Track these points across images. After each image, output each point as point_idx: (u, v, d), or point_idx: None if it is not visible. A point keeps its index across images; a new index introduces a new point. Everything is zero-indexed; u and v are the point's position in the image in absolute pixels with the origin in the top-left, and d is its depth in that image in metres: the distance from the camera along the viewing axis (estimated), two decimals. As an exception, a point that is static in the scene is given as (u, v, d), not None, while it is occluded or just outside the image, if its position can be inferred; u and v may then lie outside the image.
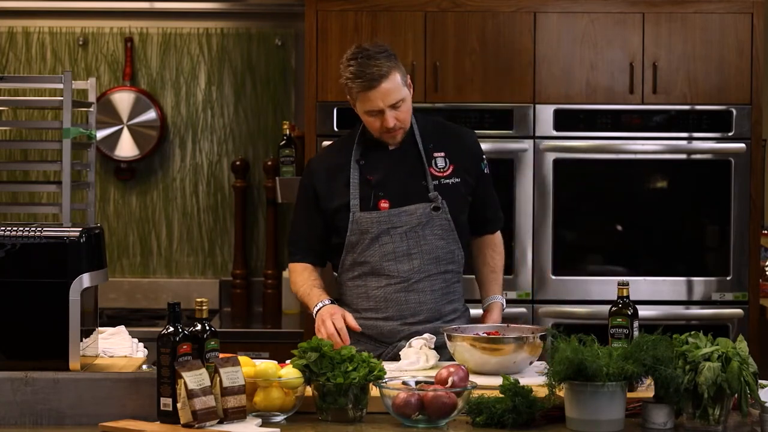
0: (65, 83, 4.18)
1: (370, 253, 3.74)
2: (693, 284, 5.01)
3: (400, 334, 3.73)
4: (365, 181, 3.75)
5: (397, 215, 3.73)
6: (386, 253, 3.73)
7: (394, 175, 3.76)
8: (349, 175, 3.75)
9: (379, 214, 3.72)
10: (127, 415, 2.99)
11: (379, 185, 3.75)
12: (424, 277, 3.75)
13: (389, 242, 3.73)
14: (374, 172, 3.76)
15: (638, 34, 4.99)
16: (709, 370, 2.90)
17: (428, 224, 3.74)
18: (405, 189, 3.75)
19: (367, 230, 3.73)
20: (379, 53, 3.65)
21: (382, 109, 3.65)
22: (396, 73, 3.65)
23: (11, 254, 3.10)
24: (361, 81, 3.62)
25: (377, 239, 3.73)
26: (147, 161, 5.74)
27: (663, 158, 5.00)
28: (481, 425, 2.97)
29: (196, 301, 2.98)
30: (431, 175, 3.77)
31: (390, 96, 3.64)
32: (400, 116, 3.68)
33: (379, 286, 3.75)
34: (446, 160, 3.80)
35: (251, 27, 5.74)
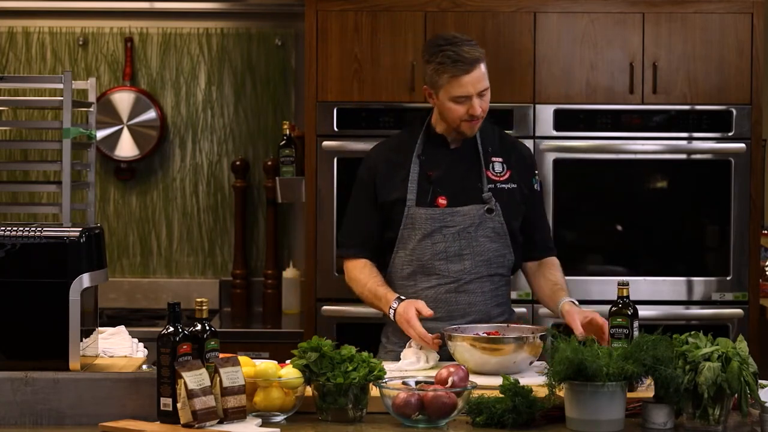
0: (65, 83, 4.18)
1: (421, 250, 3.75)
2: (693, 284, 5.01)
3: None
4: (425, 177, 3.77)
5: (451, 214, 3.74)
6: (437, 252, 3.74)
7: (453, 174, 3.77)
8: (409, 170, 3.76)
9: (434, 211, 3.73)
10: (127, 415, 2.99)
11: (438, 182, 3.76)
12: (474, 279, 3.75)
13: (441, 241, 3.73)
14: (434, 168, 3.77)
15: (638, 34, 4.99)
16: (709, 370, 2.90)
17: (481, 226, 3.75)
18: (461, 188, 3.76)
19: (421, 226, 3.73)
20: (468, 41, 3.70)
21: (471, 95, 3.67)
22: (483, 63, 3.69)
23: (11, 254, 3.10)
24: (456, 65, 3.64)
25: (429, 237, 3.73)
26: (147, 161, 5.74)
27: (663, 158, 5.00)
28: (481, 425, 2.97)
29: (196, 301, 2.98)
30: (488, 178, 3.79)
31: (480, 82, 3.68)
32: (484, 105, 3.71)
33: (430, 286, 3.76)
34: (503, 165, 3.82)
35: (251, 27, 5.74)
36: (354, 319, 4.93)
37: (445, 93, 3.69)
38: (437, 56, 3.69)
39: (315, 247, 4.98)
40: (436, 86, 3.72)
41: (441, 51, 3.68)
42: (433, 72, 3.71)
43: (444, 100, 3.71)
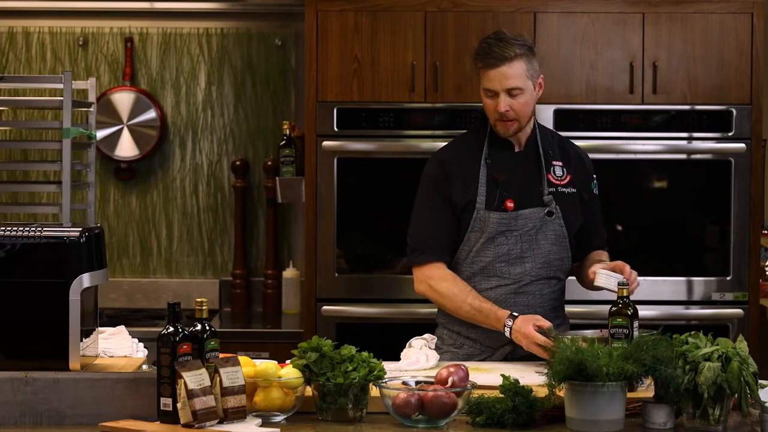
0: (65, 83, 4.19)
1: (485, 252, 3.75)
2: (693, 284, 5.01)
3: (504, 339, 3.67)
4: (492, 180, 3.78)
5: (516, 218, 3.75)
6: (500, 255, 3.75)
7: (518, 177, 3.79)
8: (477, 172, 3.78)
9: (501, 215, 3.75)
10: (127, 415, 2.99)
11: (505, 185, 3.77)
12: (533, 281, 3.77)
13: (504, 244, 3.75)
14: (500, 171, 3.79)
15: (638, 34, 4.99)
16: (709, 370, 2.90)
17: (542, 229, 3.77)
18: (525, 192, 3.78)
19: (488, 229, 3.74)
20: (514, 40, 3.73)
21: (497, 90, 3.70)
22: (521, 62, 3.71)
23: (11, 254, 3.10)
24: (486, 58, 3.70)
25: (493, 240, 3.75)
26: (147, 161, 5.74)
27: (663, 158, 5.00)
28: (481, 425, 2.97)
29: (196, 301, 2.98)
30: (548, 181, 3.81)
31: (508, 80, 3.69)
32: (515, 106, 3.72)
33: (489, 288, 3.76)
34: (563, 169, 3.85)
35: (251, 27, 5.74)
36: (354, 319, 4.93)
37: (480, 86, 3.77)
38: (478, 47, 3.77)
39: (315, 247, 4.98)
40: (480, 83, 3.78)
41: (481, 43, 3.76)
42: (476, 69, 3.79)
43: (481, 95, 3.77)
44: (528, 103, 3.75)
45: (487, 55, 3.70)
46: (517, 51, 3.70)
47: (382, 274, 5.00)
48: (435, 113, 4.96)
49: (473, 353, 3.78)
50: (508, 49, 3.69)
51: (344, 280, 5.00)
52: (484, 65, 3.71)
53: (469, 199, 3.76)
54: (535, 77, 3.75)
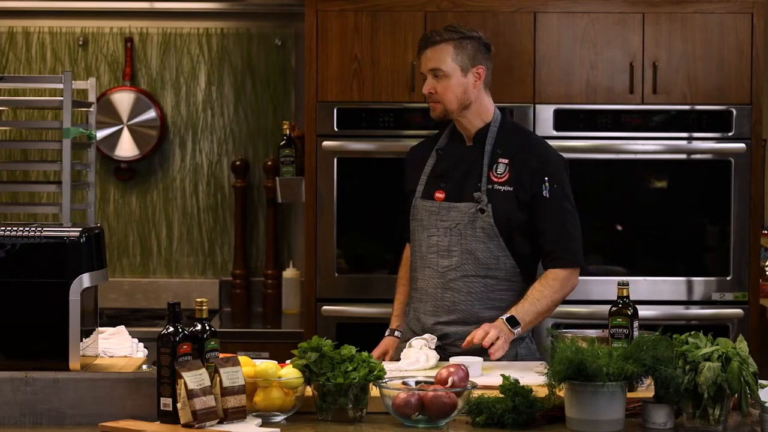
0: (65, 83, 4.18)
1: (419, 242, 3.84)
2: (693, 284, 5.01)
3: (435, 334, 3.73)
4: (434, 170, 3.87)
5: (446, 209, 3.79)
6: (431, 245, 3.81)
7: (458, 170, 3.83)
8: (425, 165, 3.90)
9: (432, 204, 3.82)
10: (127, 415, 2.99)
11: (441, 176, 3.84)
12: (460, 276, 3.77)
13: (435, 234, 3.80)
14: (444, 163, 3.86)
15: (638, 34, 4.99)
16: (709, 370, 2.90)
17: (471, 225, 3.76)
18: (461, 186, 3.81)
19: (421, 218, 3.84)
20: (451, 28, 3.84)
21: (423, 72, 3.84)
22: (448, 46, 3.80)
23: (11, 254, 3.10)
24: (418, 44, 3.87)
25: (427, 229, 3.82)
26: (147, 161, 5.74)
27: (663, 158, 5.00)
28: (481, 425, 2.97)
29: (196, 301, 2.98)
30: (488, 178, 3.79)
31: (430, 62, 3.80)
32: (438, 88, 3.80)
33: (424, 277, 3.83)
34: (507, 167, 3.80)
35: (251, 27, 5.74)
36: (354, 319, 4.93)
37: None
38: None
39: (315, 247, 4.98)
40: None
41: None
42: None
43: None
44: (451, 88, 3.78)
45: (420, 40, 3.88)
46: (444, 36, 3.80)
47: (382, 274, 5.00)
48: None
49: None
50: (436, 34, 3.81)
51: (344, 280, 5.00)
52: (418, 50, 3.87)
53: (413, 188, 3.88)
54: (468, 65, 3.80)
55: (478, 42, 3.83)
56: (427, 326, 3.78)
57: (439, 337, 3.73)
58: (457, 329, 3.75)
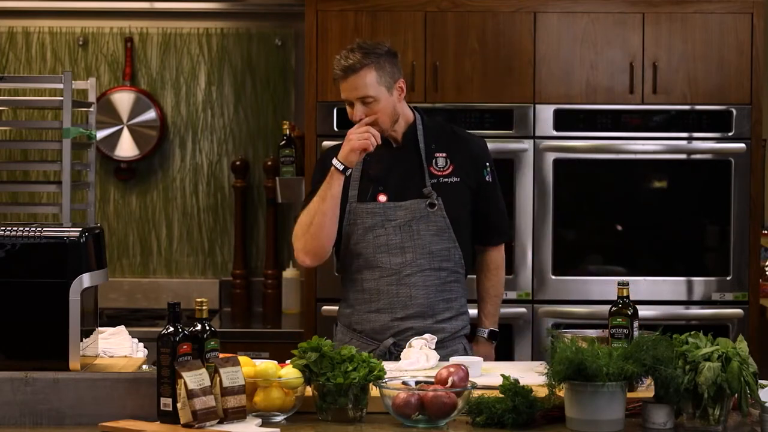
0: (65, 83, 4.19)
1: (363, 244, 3.81)
2: (693, 284, 5.01)
3: (390, 331, 3.77)
4: (366, 175, 3.84)
5: (393, 209, 3.80)
6: (380, 245, 3.80)
7: (395, 172, 3.84)
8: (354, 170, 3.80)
9: (375, 206, 3.81)
10: (127, 415, 2.99)
11: (378, 179, 3.83)
12: (416, 271, 3.79)
13: (383, 234, 3.80)
14: (376, 166, 3.84)
15: (638, 34, 4.99)
16: (709, 370, 2.90)
17: (422, 220, 3.80)
18: (403, 185, 3.83)
19: (363, 221, 3.80)
20: (361, 48, 3.77)
21: (350, 100, 3.78)
22: (370, 72, 3.75)
23: (11, 254, 3.10)
24: (336, 70, 3.77)
25: (371, 230, 3.80)
26: (147, 161, 5.74)
27: (663, 158, 5.00)
28: (481, 425, 2.97)
29: (196, 301, 2.98)
30: (430, 173, 3.84)
31: (356, 90, 3.75)
32: (369, 112, 3.77)
33: (373, 278, 3.81)
34: (447, 160, 3.87)
35: (251, 27, 5.74)
36: (354, 319, 4.93)
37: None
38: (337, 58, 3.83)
39: (315, 247, 4.97)
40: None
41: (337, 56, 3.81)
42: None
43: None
44: (383, 110, 3.78)
45: (338, 66, 3.77)
46: (364, 61, 3.74)
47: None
48: (435, 113, 4.95)
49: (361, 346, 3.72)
50: (356, 62, 3.74)
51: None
52: (337, 77, 3.78)
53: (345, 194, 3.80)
54: (391, 83, 3.79)
55: (390, 55, 3.82)
56: (382, 324, 3.79)
57: (395, 333, 3.76)
58: (414, 323, 3.78)
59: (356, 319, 3.82)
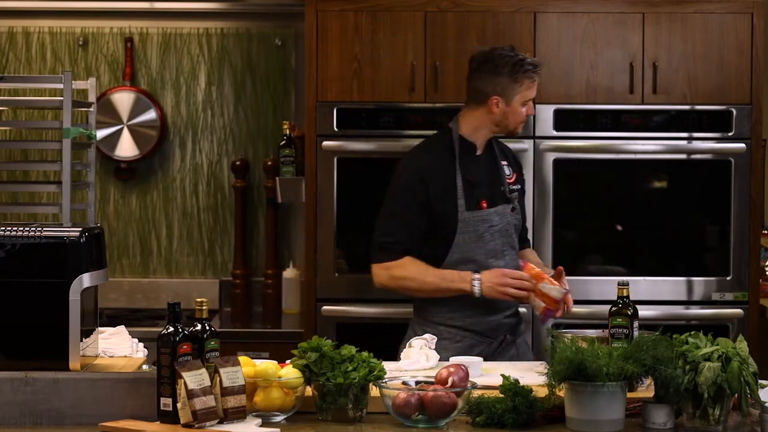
0: (65, 83, 4.19)
1: (477, 251, 3.98)
2: (693, 284, 5.01)
3: (502, 329, 4.03)
4: (467, 183, 4.00)
5: (492, 215, 4.01)
6: (489, 251, 4.00)
7: (485, 178, 4.06)
8: (453, 177, 3.99)
9: (482, 213, 3.99)
10: (127, 415, 2.99)
11: (477, 186, 4.01)
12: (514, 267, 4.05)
13: (491, 240, 4.00)
14: (471, 174, 4.02)
15: (638, 34, 4.99)
16: (709, 370, 2.90)
17: (510, 223, 4.06)
18: (493, 191, 4.06)
19: (475, 229, 3.98)
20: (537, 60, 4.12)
21: (529, 100, 4.04)
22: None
23: (11, 254, 3.10)
24: (531, 70, 4.03)
25: (482, 237, 3.98)
26: (147, 161, 5.74)
27: (663, 158, 5.00)
28: (481, 425, 2.97)
29: (196, 301, 2.98)
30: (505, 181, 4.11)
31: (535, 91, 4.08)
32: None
33: None
34: (509, 168, 4.15)
35: (251, 27, 5.74)
36: (354, 319, 4.93)
37: (521, 97, 4.02)
38: (522, 66, 4.01)
39: (315, 247, 4.98)
40: (511, 93, 4.01)
41: (522, 61, 4.02)
42: (512, 81, 4.00)
43: (516, 105, 4.02)
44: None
45: (532, 70, 4.02)
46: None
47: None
48: (435, 113, 4.96)
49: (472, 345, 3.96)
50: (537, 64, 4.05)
51: (344, 280, 5.00)
52: (531, 77, 4.02)
53: (450, 203, 3.97)
54: None
55: None
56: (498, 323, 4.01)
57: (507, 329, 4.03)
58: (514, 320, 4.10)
59: (470, 322, 3.97)
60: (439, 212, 3.96)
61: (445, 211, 3.96)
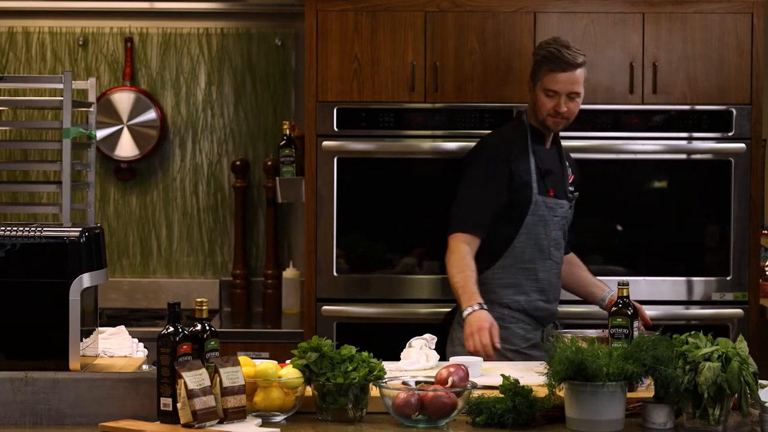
0: (65, 83, 4.18)
1: (542, 236, 4.12)
2: (693, 284, 5.01)
3: (555, 317, 4.24)
4: (539, 170, 4.15)
5: (558, 205, 4.16)
6: (552, 239, 4.15)
7: (554, 170, 4.24)
8: (528, 160, 4.16)
9: (551, 201, 4.13)
10: (127, 415, 2.99)
11: (547, 174, 4.20)
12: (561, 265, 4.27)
13: (554, 229, 4.16)
14: (543, 162, 4.21)
15: (638, 34, 4.99)
16: (709, 370, 2.90)
17: (567, 220, 4.25)
18: (559, 184, 4.24)
19: (544, 215, 4.12)
20: (577, 49, 4.20)
21: (560, 92, 4.13)
22: (584, 70, 4.18)
23: (11, 254, 3.10)
24: (555, 62, 4.12)
25: (548, 224, 4.13)
26: (147, 161, 5.74)
27: (663, 158, 5.00)
28: (481, 425, 2.97)
29: (196, 301, 2.98)
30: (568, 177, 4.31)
31: (572, 85, 4.14)
32: (571, 107, 4.17)
33: (545, 269, 4.18)
34: (570, 169, 4.34)
35: (251, 27, 5.74)
36: (354, 319, 4.93)
37: (540, 85, 4.16)
38: (543, 50, 4.18)
39: (315, 247, 4.98)
40: (536, 78, 4.19)
41: (548, 46, 4.17)
42: (536, 64, 4.20)
43: (538, 92, 4.17)
44: (578, 107, 4.22)
45: (558, 59, 4.12)
46: (583, 59, 4.17)
47: (382, 274, 5.00)
48: (435, 113, 4.96)
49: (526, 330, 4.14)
50: (577, 56, 4.14)
51: (344, 280, 5.00)
52: (554, 68, 4.12)
53: (525, 183, 4.11)
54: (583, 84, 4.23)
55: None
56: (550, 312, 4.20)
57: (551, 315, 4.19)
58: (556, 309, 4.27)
59: (534, 306, 4.15)
60: (517, 189, 4.09)
61: (521, 189, 4.10)
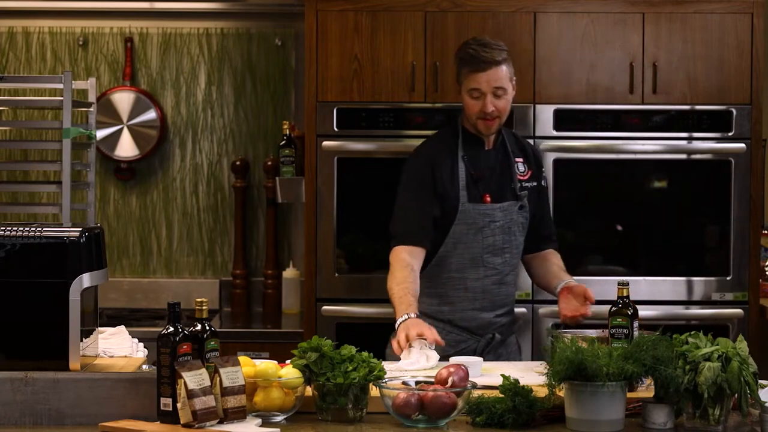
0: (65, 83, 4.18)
1: (473, 244, 4.00)
2: (693, 284, 5.01)
3: (492, 327, 4.04)
4: (470, 176, 4.02)
5: (496, 210, 4.02)
6: (487, 246, 4.01)
7: (492, 173, 4.07)
8: (456, 169, 4.02)
9: (484, 207, 4.00)
10: (127, 415, 2.99)
11: (481, 180, 4.02)
12: (510, 271, 4.09)
13: (490, 235, 4.01)
14: (477, 167, 4.04)
15: (638, 34, 4.99)
16: (709, 370, 2.90)
17: (514, 221, 4.06)
18: (500, 187, 4.07)
19: (474, 221, 4.00)
20: (496, 45, 4.02)
21: (485, 91, 3.96)
22: (506, 66, 3.99)
23: (11, 254, 3.10)
24: (473, 61, 3.96)
25: (481, 231, 4.00)
26: (147, 161, 5.74)
27: (663, 158, 5.00)
28: (481, 425, 2.97)
29: (196, 301, 2.98)
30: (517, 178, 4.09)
31: (496, 82, 3.96)
32: (499, 105, 3.99)
33: (478, 278, 4.02)
34: (525, 165, 4.14)
35: (251, 27, 5.74)
36: (354, 319, 4.93)
37: (464, 87, 4.01)
38: (461, 51, 4.03)
39: (315, 247, 4.98)
40: (459, 81, 4.03)
41: (466, 47, 4.02)
42: (457, 67, 4.04)
43: (464, 95, 4.01)
44: (509, 104, 4.02)
45: (475, 59, 3.96)
46: (503, 56, 3.98)
47: (382, 274, 4.97)
48: (435, 113, 4.96)
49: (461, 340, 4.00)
50: (496, 54, 3.96)
51: (344, 280, 5.00)
52: (474, 68, 3.96)
53: (454, 193, 3.99)
54: (513, 80, 4.04)
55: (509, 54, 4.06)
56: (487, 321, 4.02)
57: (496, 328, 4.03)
58: (507, 319, 4.10)
59: (460, 317, 4.01)
60: (443, 198, 4.00)
61: (448, 198, 4.00)
